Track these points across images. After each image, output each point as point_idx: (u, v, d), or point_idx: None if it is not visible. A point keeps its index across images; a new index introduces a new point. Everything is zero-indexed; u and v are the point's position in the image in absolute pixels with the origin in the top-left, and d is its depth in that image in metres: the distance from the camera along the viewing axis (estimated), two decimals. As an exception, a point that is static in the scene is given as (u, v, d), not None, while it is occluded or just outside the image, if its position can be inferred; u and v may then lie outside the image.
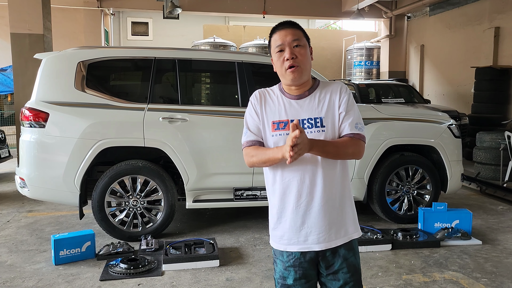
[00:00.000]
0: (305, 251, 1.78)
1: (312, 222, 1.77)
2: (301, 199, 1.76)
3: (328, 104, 1.80)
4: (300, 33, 1.80)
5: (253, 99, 1.87)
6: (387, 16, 13.62)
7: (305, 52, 1.78)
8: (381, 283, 3.35)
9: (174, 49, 4.68)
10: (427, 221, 4.39)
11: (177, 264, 3.60)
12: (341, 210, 1.81)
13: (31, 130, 4.11)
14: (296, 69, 1.75)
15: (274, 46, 1.80)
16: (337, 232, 1.79)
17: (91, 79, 4.29)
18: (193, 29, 16.52)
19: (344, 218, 1.81)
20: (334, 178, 1.79)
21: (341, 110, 1.79)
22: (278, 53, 1.78)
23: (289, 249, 1.80)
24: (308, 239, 1.77)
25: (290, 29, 1.79)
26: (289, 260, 1.81)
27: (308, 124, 1.76)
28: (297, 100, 1.81)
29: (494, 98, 9.36)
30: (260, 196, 4.44)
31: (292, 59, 1.75)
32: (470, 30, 11.17)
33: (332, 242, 1.78)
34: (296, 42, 1.76)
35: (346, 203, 1.83)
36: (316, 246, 1.77)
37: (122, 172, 4.17)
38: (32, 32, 8.00)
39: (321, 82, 1.87)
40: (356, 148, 1.77)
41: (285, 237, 1.81)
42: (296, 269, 1.80)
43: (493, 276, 3.51)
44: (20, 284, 3.34)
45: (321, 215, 1.76)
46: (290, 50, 1.75)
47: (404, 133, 4.82)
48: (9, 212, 5.37)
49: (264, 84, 5.37)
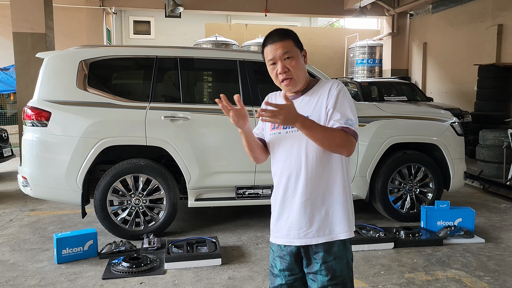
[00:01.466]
0: (287, 244, 1.84)
1: (294, 217, 1.81)
2: (287, 194, 1.83)
3: (316, 102, 1.82)
4: (290, 43, 1.82)
5: (264, 101, 2.01)
6: (389, 13, 13.57)
7: (297, 63, 1.81)
8: (383, 282, 3.35)
9: (176, 47, 4.68)
10: (429, 220, 4.38)
11: (179, 262, 3.60)
12: (326, 208, 1.80)
13: (34, 129, 4.12)
14: (290, 81, 1.82)
15: (267, 59, 1.86)
16: (320, 230, 1.79)
17: (93, 78, 4.29)
18: (195, 27, 16.51)
19: (330, 217, 1.80)
20: (319, 175, 1.79)
21: (328, 108, 1.77)
22: (271, 66, 1.85)
23: (274, 241, 1.90)
24: (290, 233, 1.83)
25: (279, 42, 1.80)
26: (277, 250, 1.90)
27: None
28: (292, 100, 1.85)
29: (497, 96, 9.31)
30: (262, 194, 4.43)
31: (284, 72, 1.81)
32: (473, 27, 11.12)
33: (313, 239, 1.79)
34: (286, 55, 1.80)
35: (335, 201, 1.80)
36: (296, 241, 1.81)
37: (124, 171, 4.18)
38: (34, 31, 8.00)
39: (319, 82, 1.89)
40: (344, 140, 1.70)
41: (274, 230, 1.90)
42: (281, 260, 1.87)
43: (496, 274, 3.50)
44: (23, 282, 3.35)
45: (302, 211, 1.79)
46: (282, 64, 1.80)
47: (406, 131, 4.80)
48: (12, 211, 5.39)
49: (266, 83, 5.33)
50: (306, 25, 18.80)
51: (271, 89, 4.58)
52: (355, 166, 4.57)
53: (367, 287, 3.24)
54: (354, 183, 4.60)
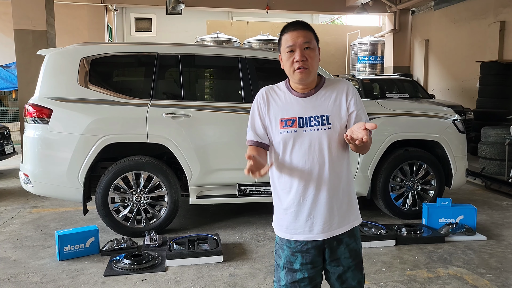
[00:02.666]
0: (312, 240, 1.86)
1: (317, 214, 1.85)
2: (308, 192, 1.83)
3: (334, 101, 1.86)
4: (311, 35, 1.84)
5: (258, 98, 1.92)
6: (391, 10, 13.51)
7: (315, 55, 1.83)
8: (385, 279, 3.34)
9: (177, 44, 4.67)
10: (431, 217, 4.37)
11: (181, 259, 3.60)
12: (346, 201, 1.89)
13: (35, 127, 4.12)
14: (305, 70, 1.81)
15: (284, 46, 1.83)
16: (340, 222, 1.87)
17: (94, 75, 4.29)
18: (196, 24, 16.48)
19: (347, 209, 1.90)
20: (340, 172, 1.87)
21: (352, 110, 1.85)
22: (288, 53, 1.82)
23: (295, 238, 1.88)
24: (313, 229, 1.85)
25: (302, 30, 1.82)
26: (296, 246, 1.88)
27: (315, 122, 1.82)
28: (303, 98, 1.87)
29: (499, 93, 9.28)
30: (263, 191, 4.43)
31: (302, 61, 1.80)
32: (475, 24, 11.07)
33: (335, 231, 1.87)
34: (307, 44, 1.81)
35: (350, 193, 1.92)
36: (321, 236, 1.85)
37: (125, 168, 4.18)
38: (35, 29, 8.00)
39: (326, 80, 1.92)
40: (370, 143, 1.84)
41: (291, 227, 1.88)
42: (304, 254, 1.88)
43: (498, 271, 3.49)
44: (25, 279, 3.35)
45: (327, 207, 1.84)
46: (300, 52, 1.80)
47: (408, 128, 4.79)
48: (13, 208, 5.40)
49: (267, 80, 5.33)
50: (307, 22, 18.73)
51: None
52: (357, 163, 4.56)
53: (369, 284, 3.24)
54: (355, 180, 4.59)
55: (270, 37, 13.76)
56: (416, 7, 13.64)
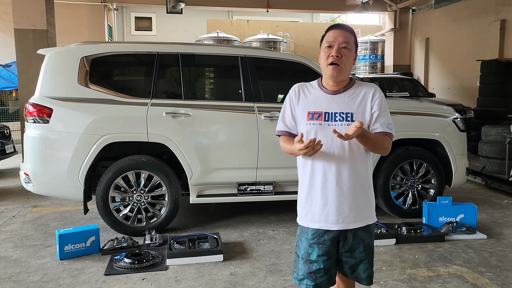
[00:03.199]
0: (327, 229, 1.98)
1: (333, 204, 1.96)
2: (327, 183, 1.96)
3: (360, 101, 1.99)
4: (352, 38, 1.99)
5: (291, 92, 2.09)
6: (391, 9, 13.51)
7: (350, 55, 1.97)
8: (385, 278, 3.35)
9: (177, 43, 4.66)
10: (431, 216, 4.37)
11: (181, 258, 3.61)
12: (363, 197, 2.00)
13: (35, 126, 4.12)
14: (337, 67, 1.94)
15: (325, 41, 1.99)
16: (355, 216, 1.98)
17: (95, 75, 4.29)
18: (196, 24, 16.48)
19: (364, 205, 2.01)
20: (360, 169, 1.98)
21: (374, 110, 1.98)
22: (326, 48, 1.97)
23: (311, 226, 2.01)
24: (328, 219, 1.97)
25: (345, 31, 1.97)
26: (313, 237, 2.01)
27: (340, 118, 1.95)
28: (332, 95, 2.00)
29: (500, 92, 9.27)
30: (263, 190, 4.43)
31: (337, 57, 1.93)
32: (475, 23, 11.07)
33: (350, 225, 1.98)
34: (345, 44, 1.95)
35: (368, 191, 2.03)
36: (334, 226, 1.97)
37: (126, 167, 4.18)
38: (35, 28, 8.01)
39: (356, 82, 2.07)
40: (387, 145, 1.99)
41: (309, 214, 2.01)
42: (320, 246, 1.99)
43: (498, 270, 3.49)
44: (25, 278, 3.36)
45: (342, 199, 1.96)
46: (337, 48, 1.94)
47: (408, 127, 4.79)
48: (14, 207, 5.41)
49: (268, 79, 5.29)
50: (308, 21, 18.74)
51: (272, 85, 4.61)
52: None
53: (369, 283, 3.24)
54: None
55: (270, 36, 13.76)
56: (416, 5, 13.63)
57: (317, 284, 2.00)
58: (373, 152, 2.00)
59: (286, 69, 4.87)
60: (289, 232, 4.43)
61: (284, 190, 4.53)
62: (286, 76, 5.00)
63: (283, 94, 4.99)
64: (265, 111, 4.39)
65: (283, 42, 14.15)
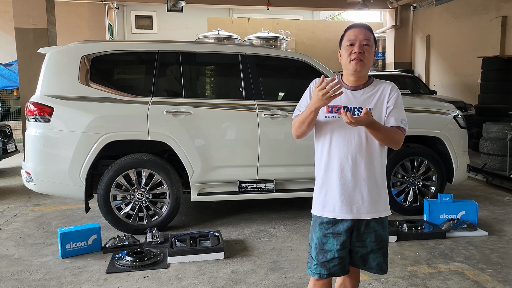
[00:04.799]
0: (341, 219, 2.05)
1: (348, 195, 2.04)
2: (343, 174, 2.04)
3: (378, 98, 2.07)
4: (371, 36, 2.08)
5: (312, 85, 2.15)
6: (392, 6, 13.48)
7: (371, 51, 2.06)
8: (386, 275, 3.34)
9: (178, 42, 4.67)
10: (432, 213, 4.38)
11: (183, 256, 3.62)
12: (376, 190, 2.07)
13: (36, 125, 4.13)
14: (360, 62, 2.02)
15: (346, 40, 2.07)
16: (369, 208, 2.05)
17: (95, 73, 4.29)
18: (197, 22, 16.47)
19: (378, 198, 2.08)
20: (374, 161, 2.06)
21: (389, 105, 2.07)
22: (348, 46, 2.05)
23: (325, 215, 2.08)
24: (342, 209, 2.05)
25: (364, 29, 2.07)
26: (328, 227, 2.08)
27: (358, 113, 2.02)
28: (352, 90, 2.09)
29: (501, 88, 9.24)
30: (264, 188, 4.44)
31: (360, 53, 2.02)
32: (476, 19, 11.04)
33: (363, 215, 2.05)
34: (366, 41, 2.04)
35: (382, 185, 2.10)
36: (348, 216, 2.05)
37: (127, 165, 4.19)
38: (36, 27, 8.02)
39: (375, 80, 2.14)
40: (399, 139, 2.06)
41: (324, 204, 2.09)
42: (335, 236, 2.07)
43: (499, 267, 3.49)
44: (28, 277, 3.37)
45: (357, 190, 2.04)
46: (359, 45, 2.03)
47: (409, 124, 4.76)
48: (16, 206, 5.42)
49: (268, 77, 5.27)
50: (308, 19, 18.72)
51: (273, 83, 4.62)
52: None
53: (370, 280, 3.25)
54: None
55: (271, 34, 13.74)
56: (417, 2, 13.59)
57: (331, 273, 2.08)
58: (385, 144, 2.06)
59: (286, 67, 4.87)
60: (290, 229, 4.43)
61: (285, 188, 4.54)
62: (286, 74, 4.99)
63: (283, 92, 4.99)
64: (266, 109, 4.38)
65: (284, 40, 14.14)
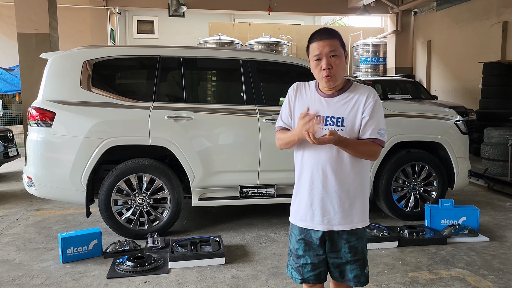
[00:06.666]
0: (312, 229, 2.03)
1: (319, 206, 2.01)
2: (313, 185, 2.01)
3: (352, 106, 1.98)
4: (337, 42, 1.96)
5: (290, 90, 2.12)
6: (393, 11, 13.52)
7: (340, 62, 1.95)
8: (387, 281, 3.34)
9: (179, 47, 4.68)
10: (433, 218, 4.37)
11: (183, 262, 3.61)
12: (349, 201, 2.01)
13: (38, 129, 4.14)
14: (331, 78, 1.95)
15: (312, 54, 1.98)
16: (342, 219, 2.00)
17: (97, 78, 4.31)
18: (198, 27, 16.53)
19: (351, 209, 2.02)
20: (346, 172, 1.99)
21: (364, 115, 1.97)
22: (315, 61, 1.97)
23: (298, 224, 2.08)
24: (314, 219, 2.02)
25: (327, 40, 1.94)
26: (300, 234, 2.07)
27: (330, 122, 1.97)
28: (326, 98, 2.02)
29: (502, 94, 9.24)
30: (265, 193, 4.44)
31: (328, 69, 1.93)
32: (477, 25, 11.06)
33: (335, 227, 2.01)
34: (332, 53, 1.93)
35: (356, 195, 2.03)
36: (319, 227, 2.02)
37: (128, 170, 4.19)
38: (38, 32, 8.05)
39: (353, 85, 2.05)
40: (373, 152, 1.99)
41: (297, 213, 2.09)
42: (306, 242, 2.06)
43: (501, 273, 3.48)
44: (28, 282, 3.37)
45: (328, 201, 2.00)
46: (327, 61, 1.93)
47: (410, 130, 4.79)
48: (17, 210, 5.43)
49: (269, 82, 5.29)
50: (309, 24, 18.77)
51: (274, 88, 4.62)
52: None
53: (371, 286, 3.24)
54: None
55: (272, 39, 13.79)
56: (418, 8, 13.63)
57: (304, 278, 2.07)
58: (358, 157, 1.98)
59: (288, 72, 4.88)
60: (291, 235, 4.42)
61: (286, 193, 4.53)
62: (288, 79, 5.00)
63: (285, 97, 4.99)
64: (267, 114, 4.39)
65: (285, 44, 14.18)
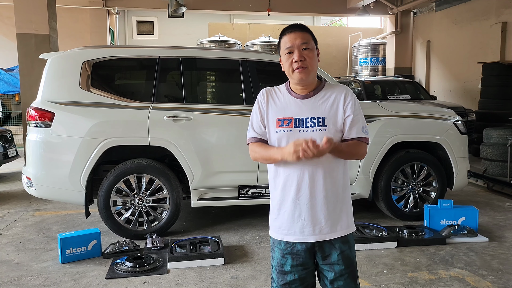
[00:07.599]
0: (301, 241, 1.88)
1: (308, 215, 1.87)
2: (300, 193, 1.86)
3: (331, 105, 1.89)
4: (309, 36, 1.89)
5: (259, 97, 1.98)
6: (392, 12, 13.52)
7: (313, 55, 1.88)
8: (386, 281, 3.34)
9: (178, 47, 4.69)
10: (433, 218, 4.37)
11: (182, 262, 3.61)
12: (339, 206, 1.91)
13: (37, 130, 4.14)
14: (304, 70, 1.85)
15: (283, 48, 1.89)
16: (333, 226, 1.89)
17: (96, 79, 4.31)
18: (198, 27, 16.53)
19: (341, 214, 1.91)
20: (334, 176, 1.89)
21: (348, 114, 1.89)
22: (287, 55, 1.87)
23: (286, 239, 1.91)
24: (304, 231, 1.88)
25: (299, 32, 1.87)
26: (286, 248, 1.91)
27: (311, 123, 1.86)
28: (302, 99, 1.90)
29: (502, 94, 9.24)
30: (265, 194, 4.44)
31: (300, 61, 1.84)
32: (477, 25, 11.07)
33: (327, 235, 1.88)
34: (304, 45, 1.86)
35: (344, 199, 1.94)
36: (311, 238, 1.88)
37: (127, 171, 4.19)
38: (38, 32, 8.05)
39: (326, 84, 1.96)
40: (361, 151, 1.93)
41: (283, 227, 1.91)
42: (294, 256, 1.90)
43: (500, 273, 3.48)
44: (27, 282, 3.37)
45: (318, 209, 1.87)
46: (299, 53, 1.84)
47: (409, 130, 4.79)
48: (16, 211, 5.42)
49: (269, 82, 5.34)
50: (309, 24, 18.77)
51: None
52: (358, 165, 4.56)
53: (370, 286, 3.24)
54: (357, 182, 4.59)
55: (271, 39, 13.78)
56: (417, 8, 13.64)
57: None
58: (349, 159, 1.93)
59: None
60: (290, 235, 4.42)
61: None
62: (287, 79, 5.00)
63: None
64: (266, 115, 4.39)
65: (285, 45, 14.14)
